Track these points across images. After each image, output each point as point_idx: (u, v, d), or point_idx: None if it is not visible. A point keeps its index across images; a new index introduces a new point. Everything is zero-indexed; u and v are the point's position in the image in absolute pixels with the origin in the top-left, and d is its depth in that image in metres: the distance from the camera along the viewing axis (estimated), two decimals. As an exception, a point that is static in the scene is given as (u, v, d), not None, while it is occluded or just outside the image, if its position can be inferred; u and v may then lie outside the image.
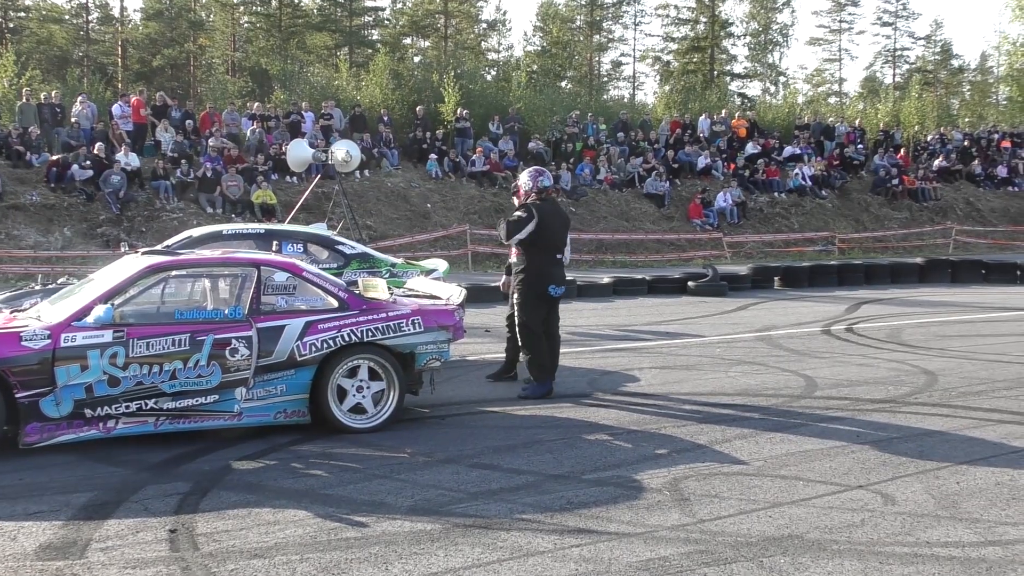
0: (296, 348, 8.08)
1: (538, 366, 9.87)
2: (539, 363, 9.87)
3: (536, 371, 9.89)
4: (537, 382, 9.89)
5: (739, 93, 62.56)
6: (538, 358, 9.87)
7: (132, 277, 8.00)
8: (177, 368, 7.73)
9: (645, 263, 28.64)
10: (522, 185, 10.07)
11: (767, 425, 8.66)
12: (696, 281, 21.06)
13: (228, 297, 8.76)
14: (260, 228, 12.64)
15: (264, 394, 8.04)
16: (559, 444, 7.96)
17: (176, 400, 7.78)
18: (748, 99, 60.53)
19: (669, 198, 32.98)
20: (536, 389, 9.86)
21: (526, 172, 10.22)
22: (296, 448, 7.84)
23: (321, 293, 8.47)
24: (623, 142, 35.13)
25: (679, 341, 14.11)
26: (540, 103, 36.57)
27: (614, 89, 65.46)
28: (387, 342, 8.43)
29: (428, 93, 35.74)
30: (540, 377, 9.88)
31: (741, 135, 37.35)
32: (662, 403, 9.66)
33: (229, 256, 8.88)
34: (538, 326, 9.92)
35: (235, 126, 29.79)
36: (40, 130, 26.88)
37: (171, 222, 24.51)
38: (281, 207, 25.74)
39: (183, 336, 7.78)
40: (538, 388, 9.87)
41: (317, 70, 42.60)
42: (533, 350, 9.86)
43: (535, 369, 9.89)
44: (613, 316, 17.18)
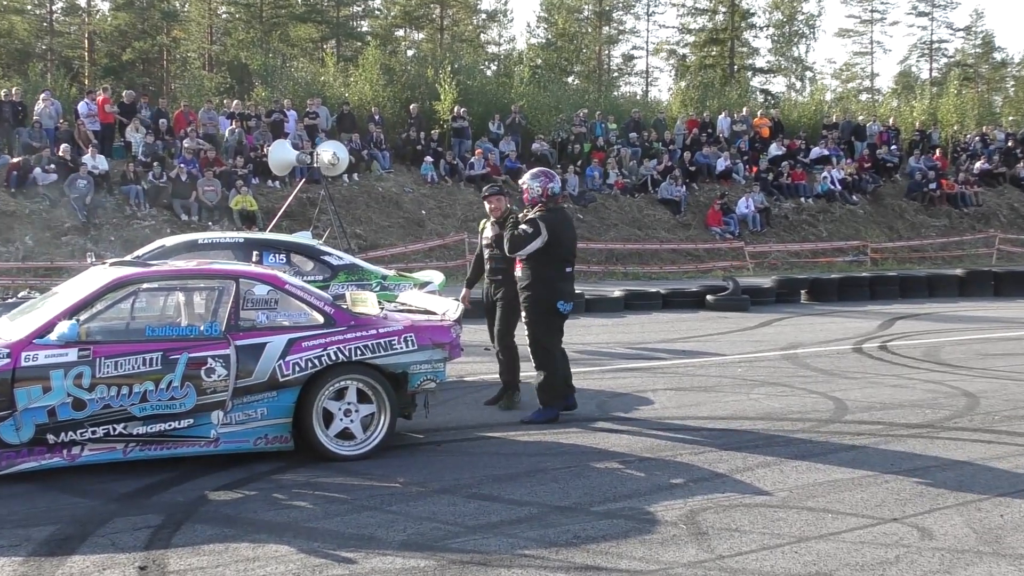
0: (278, 368, 8.08)
1: (549, 389, 9.82)
2: (551, 386, 9.83)
3: (546, 395, 9.83)
4: (545, 407, 9.85)
5: (761, 89, 62.76)
6: (550, 380, 9.82)
7: (99, 290, 8.00)
8: (148, 390, 7.72)
9: (659, 275, 28.64)
10: (528, 189, 10.00)
11: (792, 452, 8.65)
12: (715, 295, 21.06)
13: (204, 312, 8.77)
14: (239, 237, 12.66)
15: (243, 418, 8.03)
16: (565, 473, 7.95)
17: (147, 425, 7.77)
18: (771, 96, 60.71)
19: (685, 204, 33.02)
20: (542, 415, 9.83)
21: (532, 174, 10.15)
22: (278, 477, 7.83)
23: (305, 308, 8.47)
24: (635, 143, 35.20)
25: (696, 360, 14.10)
26: (545, 100, 36.64)
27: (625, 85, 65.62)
28: (377, 361, 8.42)
29: (422, 90, 35.80)
30: (549, 401, 9.84)
31: (764, 135, 37.41)
32: (678, 428, 9.65)
33: (205, 267, 8.89)
34: (554, 345, 9.88)
35: (212, 126, 29.85)
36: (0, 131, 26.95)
37: (142, 230, 24.53)
38: (262, 214, 25.77)
39: (155, 355, 7.78)
40: (545, 414, 9.83)
41: (301, 65, 42.65)
42: (546, 371, 9.81)
43: (545, 392, 9.83)
44: (625, 333, 17.17)
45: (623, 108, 40.38)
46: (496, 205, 10.62)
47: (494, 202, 10.63)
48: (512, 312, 10.51)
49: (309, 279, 11.46)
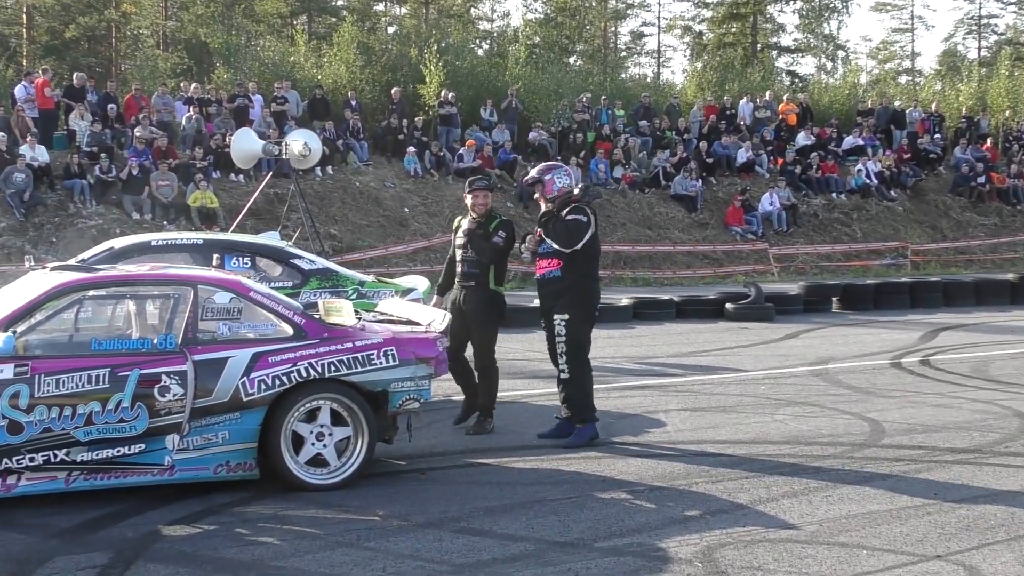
0: (241, 386, 8.08)
1: (585, 402, 10.04)
2: (586, 398, 10.06)
3: (584, 409, 10.02)
4: (583, 424, 10.02)
5: (788, 71, 62.91)
6: (589, 393, 10.10)
7: (39, 299, 8.00)
8: (94, 411, 7.71)
9: (673, 280, 28.65)
10: (560, 184, 10.20)
11: (822, 480, 8.65)
12: (735, 303, 21.07)
13: (158, 323, 8.76)
14: (197, 238, 12.64)
15: (202, 443, 8.03)
16: (566, 504, 7.96)
17: (92, 450, 7.76)
18: (799, 78, 60.80)
19: (702, 200, 33.06)
20: (585, 434, 10.00)
21: (553, 168, 10.40)
22: (241, 509, 7.82)
23: (273, 318, 8.47)
24: (645, 131, 35.24)
25: (714, 377, 14.12)
26: (543, 84, 36.66)
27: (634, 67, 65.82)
28: (354, 378, 8.42)
29: (405, 72, 35.82)
30: (587, 416, 10.04)
31: (791, 122, 37.46)
32: (693, 453, 9.66)
33: (159, 273, 8.87)
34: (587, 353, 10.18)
35: (167, 112, 29.84)
36: (-74, 118, 26.97)
37: (88, 231, 24.50)
38: (224, 212, 25.77)
39: (101, 371, 7.77)
40: (587, 431, 10.02)
41: (268, 43, 42.73)
42: (586, 383, 10.04)
43: (582, 407, 10.02)
44: (633, 346, 17.18)
45: (632, 92, 40.40)
46: (482, 201, 10.66)
47: (480, 197, 10.67)
48: (491, 323, 10.55)
49: (277, 285, 11.44)
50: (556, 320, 10.01)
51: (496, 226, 10.64)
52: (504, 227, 10.69)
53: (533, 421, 11.06)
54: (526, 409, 11.89)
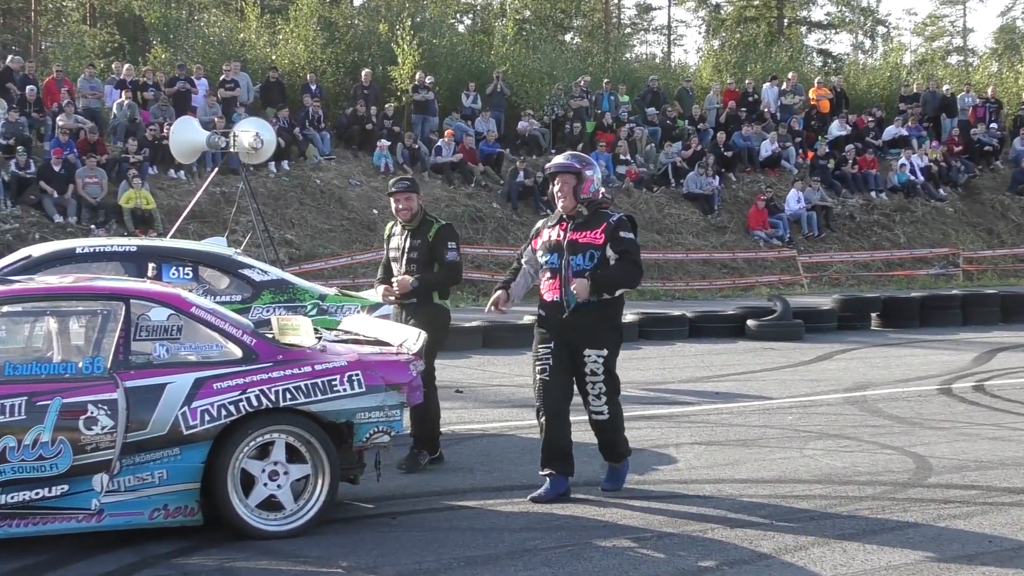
0: (182, 417, 8.06)
1: (623, 436, 9.79)
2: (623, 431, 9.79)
3: (623, 444, 9.78)
4: (621, 461, 9.84)
5: (819, 50, 63.11)
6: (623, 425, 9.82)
7: (-55, 315, 7.99)
8: (8, 447, 7.69)
9: (685, 293, 28.70)
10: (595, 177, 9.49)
11: (859, 527, 8.66)
12: (759, 319, 21.11)
13: (83, 344, 8.73)
14: (130, 245, 12.63)
15: (135, 483, 8.01)
16: (561, 554, 7.96)
17: (6, 493, 7.74)
18: (833, 59, 61.00)
19: (719, 200, 33.13)
20: (624, 472, 9.89)
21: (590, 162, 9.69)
22: (182, 561, 7.81)
23: (218, 337, 8.46)
24: (654, 120, 35.31)
25: (734, 405, 14.15)
26: (535, 65, 36.77)
27: (641, 45, 65.92)
28: (313, 408, 8.41)
29: (374, 51, 35.90)
30: (626, 451, 9.84)
31: (823, 110, 37.57)
32: (709, 495, 9.67)
33: (85, 285, 8.87)
34: None
35: (95, 98, 29.84)
36: None
37: (2, 236, 24.49)
38: (162, 214, 25.77)
39: (17, 400, 7.76)
40: (625, 469, 9.90)
41: (214, 18, 42.76)
42: (622, 418, 9.75)
43: (622, 442, 9.78)
44: (639, 369, 17.20)
45: (638, 75, 40.52)
46: (405, 205, 10.71)
47: (402, 200, 10.71)
48: (435, 343, 10.52)
49: (223, 300, 11.44)
50: (589, 356, 9.40)
51: (438, 235, 10.69)
52: (450, 235, 10.77)
53: (523, 456, 11.08)
54: (514, 443, 11.89)
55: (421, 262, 10.66)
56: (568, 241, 9.35)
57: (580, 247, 9.30)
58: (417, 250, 10.68)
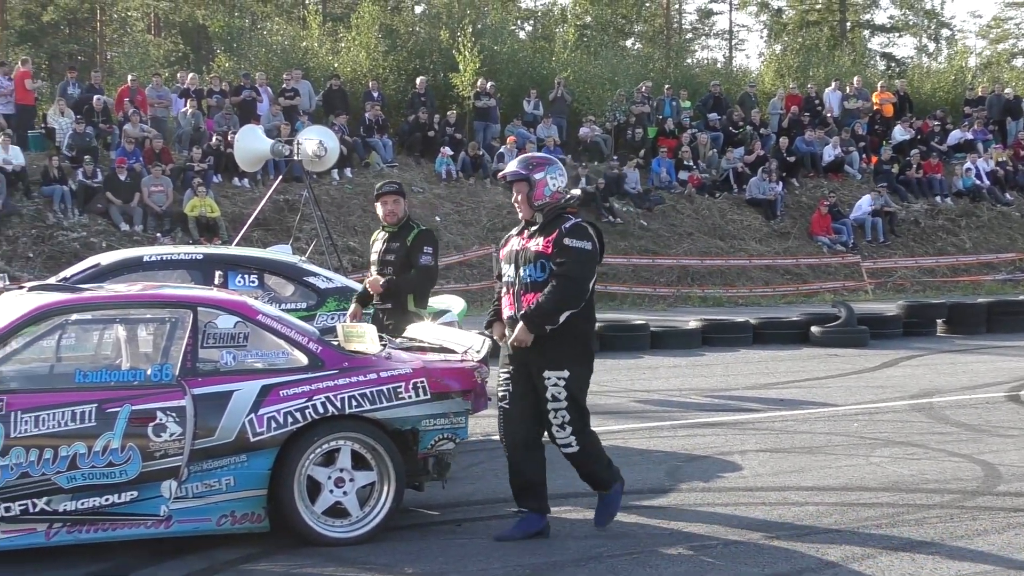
0: (248, 424, 8.11)
1: (602, 462, 8.78)
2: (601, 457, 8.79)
3: (604, 471, 8.77)
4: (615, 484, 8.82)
5: (883, 54, 62.69)
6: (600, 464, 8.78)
7: (14, 324, 8.08)
8: (79, 453, 7.76)
9: (749, 299, 28.57)
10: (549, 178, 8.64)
11: (927, 535, 8.59)
12: (823, 326, 20.98)
13: (151, 351, 8.80)
14: (197, 252, 12.73)
15: (203, 490, 8.06)
16: (625, 561, 7.95)
17: (77, 499, 7.80)
18: (896, 62, 60.58)
19: (782, 206, 32.97)
20: (615, 500, 8.85)
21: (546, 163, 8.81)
22: (249, 567, 7.86)
23: (284, 345, 8.51)
24: (716, 126, 35.19)
25: (799, 412, 14.07)
26: (596, 71, 36.74)
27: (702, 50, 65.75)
28: (378, 415, 8.44)
29: (436, 58, 35.97)
30: (611, 478, 8.79)
31: (887, 114, 37.32)
32: (774, 502, 9.63)
33: (153, 293, 8.93)
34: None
35: (161, 107, 30.07)
36: None
37: (70, 244, 24.72)
38: (226, 222, 25.91)
39: (87, 407, 7.82)
40: (616, 497, 8.85)
41: (277, 26, 42.99)
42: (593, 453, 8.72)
43: (602, 469, 8.78)
44: (703, 376, 17.15)
45: (699, 80, 40.41)
46: (391, 208, 10.79)
47: (389, 203, 10.80)
48: None
49: (288, 307, 11.51)
50: (549, 379, 8.43)
51: (417, 239, 10.72)
52: (427, 240, 10.78)
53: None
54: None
55: (397, 266, 10.69)
56: (521, 250, 8.60)
57: (531, 256, 8.47)
58: (394, 253, 10.73)
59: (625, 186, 31.53)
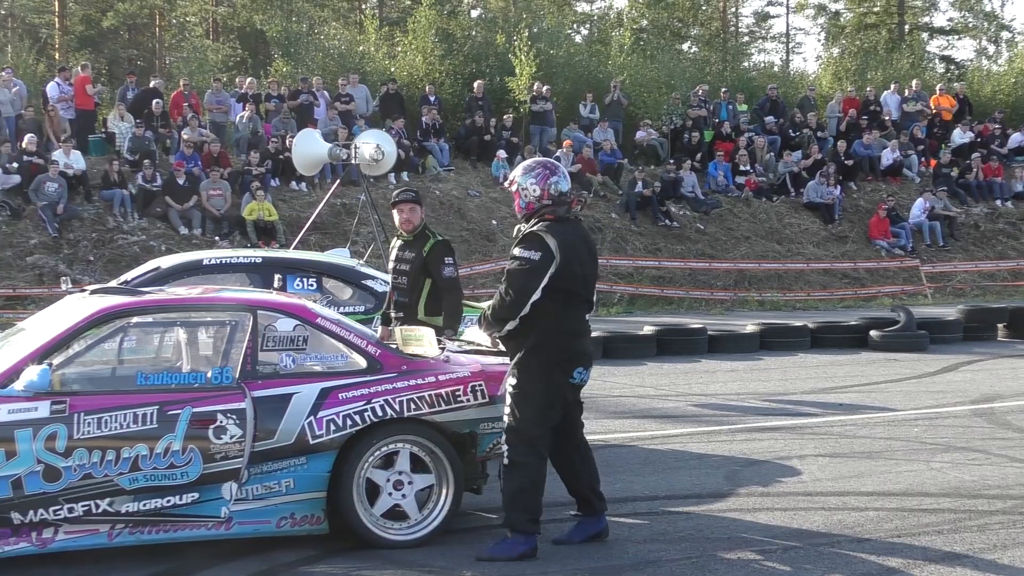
0: (308, 427, 8.15)
1: (524, 507, 8.16)
2: (527, 502, 8.17)
3: (520, 515, 8.16)
4: (515, 534, 8.18)
5: (942, 56, 62.16)
6: (528, 494, 8.17)
7: (77, 326, 8.14)
8: (140, 455, 7.82)
9: (806, 303, 28.45)
10: (521, 187, 8.47)
11: (989, 541, 8.54)
12: (882, 330, 20.87)
13: (212, 354, 8.87)
14: (256, 256, 12.81)
15: (263, 492, 8.11)
16: (685, 566, 7.94)
17: (139, 500, 7.86)
18: (956, 65, 60.10)
19: (840, 210, 32.80)
20: (510, 547, 8.15)
21: (525, 168, 8.61)
22: (308, 569, 7.90)
23: (343, 348, 8.55)
24: (773, 129, 35.06)
25: (858, 417, 14.00)
26: (652, 75, 36.67)
27: (759, 54, 65.42)
28: (437, 418, 8.48)
29: (492, 62, 36.00)
30: (523, 525, 8.16)
31: (945, 117, 37.07)
32: (834, 507, 9.58)
33: (213, 296, 9.02)
34: (543, 440, 8.27)
35: (219, 111, 30.27)
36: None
37: (130, 248, 24.91)
38: (284, 226, 26.04)
39: (149, 409, 7.87)
40: (514, 546, 8.15)
41: (334, 31, 43.18)
42: (524, 476, 8.15)
43: (518, 511, 8.17)
44: (761, 380, 17.10)
45: (756, 84, 40.26)
46: (407, 216, 10.58)
47: (406, 211, 10.57)
48: None
49: (347, 310, 11.56)
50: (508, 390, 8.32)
51: (433, 250, 10.52)
52: (445, 251, 10.59)
53: (644, 467, 11.07)
54: (636, 453, 11.86)
55: (412, 274, 10.53)
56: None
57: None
58: (410, 263, 10.55)
59: (681, 190, 31.49)
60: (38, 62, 38.58)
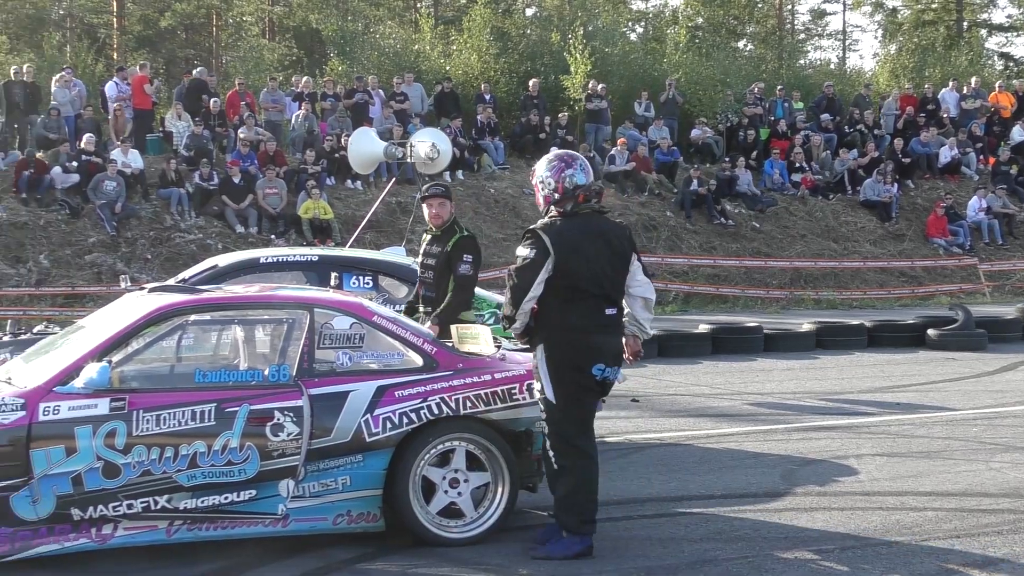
0: (364, 424, 8.18)
1: (573, 508, 8.14)
2: (577, 504, 8.14)
3: (572, 517, 8.14)
4: (570, 534, 8.15)
5: (1001, 53, 61.64)
6: (577, 496, 8.14)
7: (136, 324, 8.20)
8: (198, 452, 7.87)
9: (863, 302, 28.31)
10: (541, 181, 8.57)
11: (1051, 541, 8.48)
12: (939, 329, 20.73)
13: (269, 352, 8.92)
14: (312, 254, 12.86)
15: (319, 489, 8.14)
16: (741, 565, 7.91)
17: (197, 497, 7.92)
18: (1015, 62, 59.62)
19: (897, 208, 32.60)
20: (565, 547, 8.14)
21: (547, 159, 8.71)
22: (364, 567, 7.93)
23: (399, 346, 8.58)
24: (829, 127, 34.87)
25: (915, 416, 13.92)
26: (708, 72, 36.54)
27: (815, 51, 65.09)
28: (493, 416, 8.48)
29: (547, 60, 35.99)
30: (577, 526, 8.13)
31: (1004, 115, 36.75)
32: (891, 507, 9.52)
33: (270, 294, 9.06)
34: (582, 438, 8.22)
35: (275, 110, 30.42)
36: (8, 119, 27.76)
37: (187, 246, 25.08)
38: (340, 224, 26.13)
39: (206, 407, 7.93)
40: (570, 545, 8.14)
41: (389, 30, 43.28)
42: (571, 479, 8.11)
43: (570, 514, 8.14)
44: (818, 379, 17.02)
45: (812, 82, 40.09)
46: (436, 211, 10.56)
47: (435, 206, 10.55)
48: None
49: (402, 309, 11.58)
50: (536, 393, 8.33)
51: (456, 245, 10.49)
52: (467, 247, 10.52)
53: (700, 466, 11.05)
54: (691, 452, 11.83)
55: (437, 270, 10.52)
56: None
57: None
58: (436, 257, 10.55)
59: (737, 188, 31.39)
60: (96, 62, 38.88)
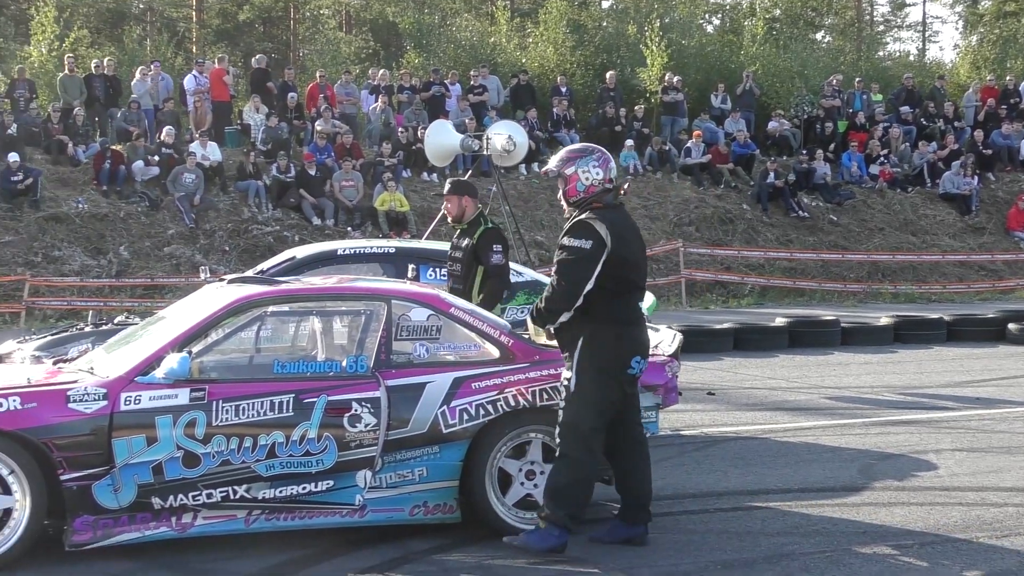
0: (441, 416, 8.20)
1: (567, 502, 8.00)
2: (571, 497, 8.03)
3: (560, 509, 7.97)
4: (550, 526, 7.99)
5: (1085, 44, 60.77)
6: (574, 490, 8.04)
7: (215, 315, 8.28)
8: (277, 442, 7.92)
9: (942, 296, 28.05)
10: (588, 181, 8.33)
11: None
12: (1021, 323, 20.51)
13: (347, 343, 8.94)
14: (389, 247, 12.90)
15: (396, 480, 8.18)
16: (819, 560, 7.87)
17: (275, 487, 7.98)
18: (1098, 53, 58.72)
19: (977, 201, 32.27)
20: (540, 538, 8.02)
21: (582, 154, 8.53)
22: (441, 557, 7.95)
23: (476, 338, 8.59)
24: (908, 119, 34.56)
25: (995, 411, 13.79)
26: (785, 65, 36.33)
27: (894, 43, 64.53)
28: (569, 408, 8.45)
29: (623, 52, 35.92)
30: (563, 520, 7.97)
31: (1088, 107, 36.32)
32: (972, 503, 9.46)
33: (348, 286, 9.11)
34: (597, 436, 8.09)
35: (352, 103, 30.56)
36: (88, 112, 28.08)
37: (264, 238, 25.27)
38: (416, 216, 26.21)
39: (285, 398, 7.98)
40: (546, 537, 8.00)
41: (466, 23, 43.36)
42: (572, 472, 7.99)
43: (559, 505, 7.96)
44: (896, 373, 16.89)
45: (891, 74, 39.79)
46: (448, 207, 10.71)
47: (451, 202, 10.69)
48: None
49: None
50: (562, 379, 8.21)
51: (483, 237, 10.52)
52: (494, 238, 10.56)
53: (776, 460, 11.00)
54: (768, 445, 11.77)
55: (464, 263, 10.61)
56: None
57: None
58: (462, 250, 10.67)
59: (814, 181, 31.18)
60: (176, 56, 39.22)
